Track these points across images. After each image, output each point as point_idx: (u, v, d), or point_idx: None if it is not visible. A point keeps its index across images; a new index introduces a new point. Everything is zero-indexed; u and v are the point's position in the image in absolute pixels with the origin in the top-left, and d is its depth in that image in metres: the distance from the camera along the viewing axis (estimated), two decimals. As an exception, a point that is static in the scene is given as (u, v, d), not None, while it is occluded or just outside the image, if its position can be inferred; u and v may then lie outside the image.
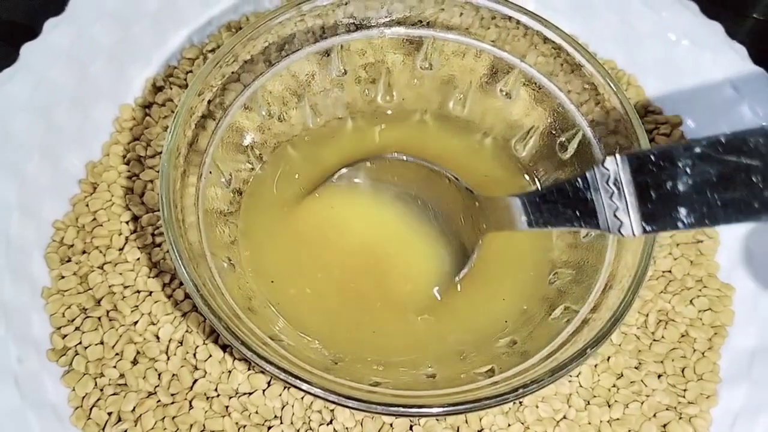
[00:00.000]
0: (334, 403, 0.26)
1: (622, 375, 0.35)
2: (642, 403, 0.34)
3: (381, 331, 0.33)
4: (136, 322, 0.35)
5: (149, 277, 0.36)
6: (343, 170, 0.35)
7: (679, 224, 0.23)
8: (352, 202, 0.35)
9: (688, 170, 0.22)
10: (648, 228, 0.24)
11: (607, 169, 0.25)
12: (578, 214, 0.27)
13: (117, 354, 0.34)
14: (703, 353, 0.36)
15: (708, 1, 0.43)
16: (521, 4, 0.33)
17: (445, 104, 0.38)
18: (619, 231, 0.25)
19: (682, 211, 0.23)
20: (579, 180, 0.26)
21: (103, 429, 0.33)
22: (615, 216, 0.25)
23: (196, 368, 0.34)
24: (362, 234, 0.35)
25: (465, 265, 0.33)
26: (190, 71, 0.41)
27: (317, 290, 0.33)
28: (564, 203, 0.27)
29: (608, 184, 0.25)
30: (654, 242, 0.29)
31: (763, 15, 0.48)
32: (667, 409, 0.34)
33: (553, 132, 0.35)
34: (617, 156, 0.25)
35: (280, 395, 0.34)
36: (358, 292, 0.33)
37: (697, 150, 0.22)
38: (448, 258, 0.34)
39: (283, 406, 0.33)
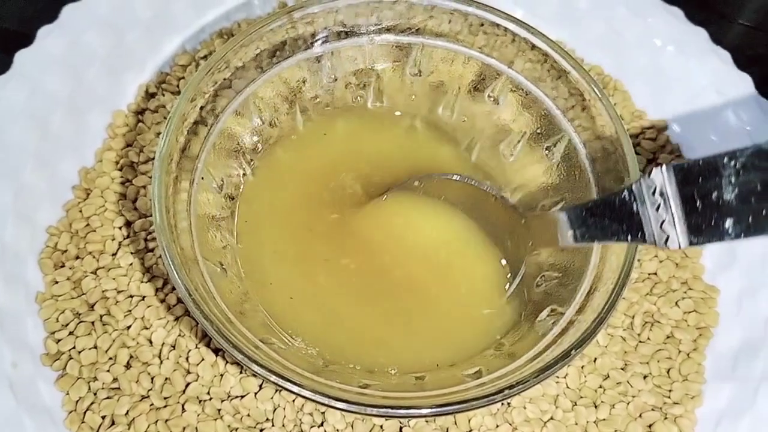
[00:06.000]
0: (324, 404, 0.26)
1: (608, 376, 0.35)
2: (628, 404, 0.35)
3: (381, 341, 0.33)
4: (129, 327, 0.35)
5: (142, 282, 0.36)
6: (393, 189, 0.35)
7: (726, 236, 0.23)
8: (396, 218, 0.36)
9: (732, 180, 0.22)
10: (695, 240, 0.24)
11: (653, 181, 0.24)
12: (625, 227, 0.26)
13: (110, 358, 0.34)
14: (688, 354, 0.36)
15: (694, 7, 0.44)
16: (509, 11, 0.34)
17: (434, 110, 0.38)
18: (666, 244, 0.24)
19: (728, 222, 0.22)
20: (626, 192, 0.26)
21: (97, 432, 0.33)
22: (661, 228, 0.25)
23: (188, 372, 0.34)
24: (407, 252, 0.35)
25: (513, 282, 0.34)
26: (183, 78, 0.42)
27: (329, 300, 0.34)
28: (610, 216, 0.27)
29: (654, 196, 0.25)
30: (636, 246, 0.29)
31: (748, 21, 0.49)
32: (652, 410, 0.35)
33: (540, 137, 0.35)
34: (663, 167, 0.24)
35: (272, 398, 0.34)
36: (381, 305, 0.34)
37: (741, 159, 0.22)
38: (495, 275, 0.35)
39: (275, 409, 0.34)
